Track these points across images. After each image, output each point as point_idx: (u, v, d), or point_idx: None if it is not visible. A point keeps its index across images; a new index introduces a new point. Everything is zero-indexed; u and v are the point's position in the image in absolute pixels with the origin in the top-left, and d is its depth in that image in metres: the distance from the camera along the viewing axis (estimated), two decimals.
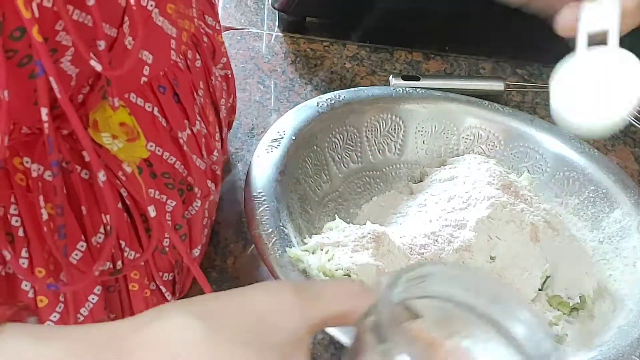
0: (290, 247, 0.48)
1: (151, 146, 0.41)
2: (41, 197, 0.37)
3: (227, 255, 0.55)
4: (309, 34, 0.83)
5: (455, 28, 0.83)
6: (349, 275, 0.47)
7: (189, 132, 0.44)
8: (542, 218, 0.56)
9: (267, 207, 0.50)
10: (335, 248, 0.49)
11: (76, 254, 0.39)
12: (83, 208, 0.39)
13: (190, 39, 0.46)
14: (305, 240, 0.51)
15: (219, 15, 0.82)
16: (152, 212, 0.40)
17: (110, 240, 0.38)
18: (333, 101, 0.62)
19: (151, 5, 0.39)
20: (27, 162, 0.37)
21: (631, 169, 0.71)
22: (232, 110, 0.60)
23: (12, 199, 0.37)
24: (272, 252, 0.47)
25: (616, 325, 0.49)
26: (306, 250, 0.49)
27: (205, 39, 0.49)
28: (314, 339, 0.51)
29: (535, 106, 0.78)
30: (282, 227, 0.49)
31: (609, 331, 0.49)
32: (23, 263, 0.38)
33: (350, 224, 0.53)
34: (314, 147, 0.60)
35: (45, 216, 0.37)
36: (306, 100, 0.63)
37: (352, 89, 0.65)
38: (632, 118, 0.78)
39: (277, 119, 0.60)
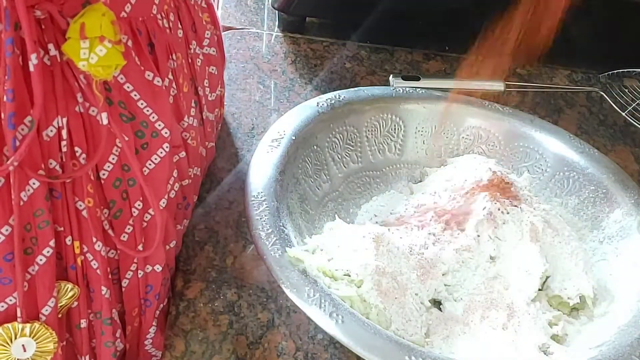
0: (290, 247, 0.48)
1: (115, 72, 0.40)
2: None
3: (227, 255, 0.55)
4: (309, 34, 0.83)
5: (455, 28, 0.83)
6: (349, 275, 0.47)
7: (160, 82, 0.44)
8: (542, 218, 0.56)
9: (267, 207, 0.50)
10: (335, 248, 0.49)
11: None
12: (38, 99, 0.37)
13: (174, 1, 0.46)
14: (305, 240, 0.51)
15: (219, 15, 0.82)
16: (104, 119, 0.39)
17: (32, 134, 0.37)
18: (333, 101, 0.62)
19: None
20: None
21: (631, 169, 0.71)
22: (219, 101, 0.60)
23: None
24: (272, 252, 0.47)
25: (616, 325, 0.49)
26: (306, 250, 0.49)
27: (183, 6, 0.49)
28: (313, 339, 0.51)
29: (535, 106, 0.78)
30: (282, 227, 0.49)
31: (609, 331, 0.49)
32: None
33: (350, 224, 0.54)
34: (314, 147, 0.60)
35: None
36: (306, 100, 0.63)
37: (352, 89, 0.65)
38: (632, 118, 0.78)
39: (277, 119, 0.60)
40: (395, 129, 0.65)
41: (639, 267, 0.53)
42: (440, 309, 0.52)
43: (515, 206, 0.55)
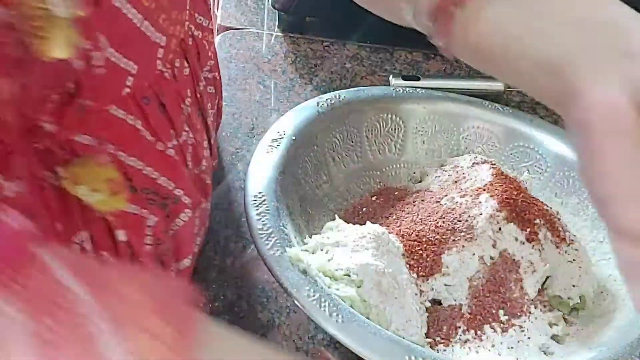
0: (290, 247, 0.48)
1: (132, 161, 0.40)
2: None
3: (227, 255, 0.55)
4: (309, 34, 0.83)
5: None
6: (349, 275, 0.47)
7: (176, 142, 0.43)
8: (542, 218, 0.56)
9: (267, 207, 0.50)
10: (335, 248, 0.49)
11: None
12: (57, 225, 0.38)
13: (179, 45, 0.44)
14: (305, 240, 0.51)
15: (219, 15, 0.82)
16: (122, 236, 0.39)
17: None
18: (333, 101, 0.62)
19: (138, 18, 0.37)
20: None
21: None
22: (218, 113, 0.59)
23: None
24: (272, 252, 0.47)
25: (616, 325, 0.49)
26: (306, 250, 0.49)
27: (190, 41, 0.46)
28: (313, 339, 0.51)
29: (535, 106, 0.78)
30: (282, 227, 0.49)
31: (609, 331, 0.49)
32: None
33: (350, 224, 0.54)
34: (314, 147, 0.60)
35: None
36: (306, 100, 0.63)
37: (352, 89, 0.65)
38: None
39: (277, 119, 0.60)
40: (395, 129, 0.65)
41: None
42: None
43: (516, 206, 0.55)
